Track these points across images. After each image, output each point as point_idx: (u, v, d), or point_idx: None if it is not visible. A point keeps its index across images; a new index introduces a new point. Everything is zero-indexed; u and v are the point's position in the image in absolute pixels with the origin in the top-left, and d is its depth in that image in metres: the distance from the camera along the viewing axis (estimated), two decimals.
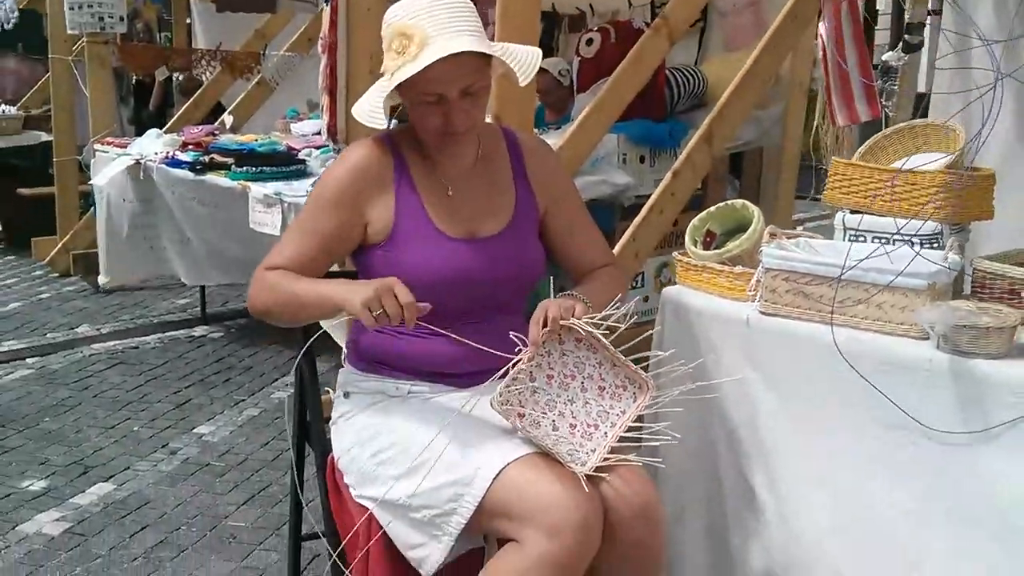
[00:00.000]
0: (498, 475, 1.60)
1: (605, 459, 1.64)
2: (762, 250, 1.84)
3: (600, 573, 1.67)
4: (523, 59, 1.74)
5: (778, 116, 4.24)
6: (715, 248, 2.08)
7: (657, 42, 3.45)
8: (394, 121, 1.87)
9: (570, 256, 1.94)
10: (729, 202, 2.09)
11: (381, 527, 1.75)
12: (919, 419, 1.61)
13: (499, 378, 1.67)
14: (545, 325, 1.65)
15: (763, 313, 1.85)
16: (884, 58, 3.11)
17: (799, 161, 4.25)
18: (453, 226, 1.79)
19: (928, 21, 3.83)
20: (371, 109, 1.74)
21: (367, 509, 1.76)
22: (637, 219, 2.97)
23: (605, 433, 1.67)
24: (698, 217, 2.11)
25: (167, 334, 4.69)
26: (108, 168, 4.53)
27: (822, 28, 2.96)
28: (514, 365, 1.65)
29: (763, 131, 4.33)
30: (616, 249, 2.91)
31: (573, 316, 1.67)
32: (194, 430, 3.53)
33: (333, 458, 1.94)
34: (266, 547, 2.67)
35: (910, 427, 1.63)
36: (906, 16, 3.49)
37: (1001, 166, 2.07)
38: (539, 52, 1.79)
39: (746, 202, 2.06)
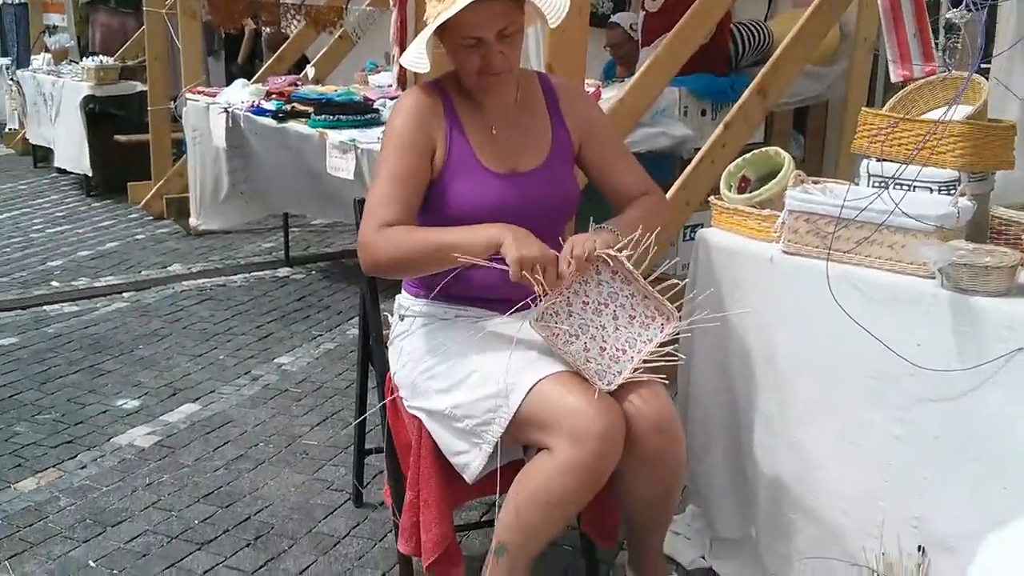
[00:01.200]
0: (531, 389, 1.79)
1: (628, 379, 1.81)
2: (787, 193, 1.97)
3: (623, 480, 1.85)
4: (554, 3, 1.88)
5: (843, 72, 4.29)
6: (749, 192, 2.21)
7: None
8: None
9: (609, 185, 2.09)
10: (764, 149, 2.22)
11: (430, 435, 1.96)
12: (919, 353, 1.73)
13: (532, 305, 1.84)
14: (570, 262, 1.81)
15: (785, 252, 1.98)
16: (947, 16, 3.15)
17: None
18: (496, 162, 1.97)
19: None
20: (416, 55, 1.91)
21: (418, 420, 1.98)
22: (688, 168, 3.10)
23: (632, 358, 1.84)
24: (734, 163, 2.24)
25: (252, 274, 4.98)
26: (198, 115, 4.82)
27: None
28: (538, 298, 1.81)
29: (827, 86, 4.39)
30: (668, 195, 3.04)
31: (596, 248, 1.82)
32: (275, 360, 3.80)
33: (390, 376, 2.15)
34: (335, 463, 2.92)
35: (903, 362, 1.75)
36: None
37: None
38: None
39: (779, 149, 2.18)
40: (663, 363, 1.84)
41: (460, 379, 1.88)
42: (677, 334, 1.87)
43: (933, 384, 1.73)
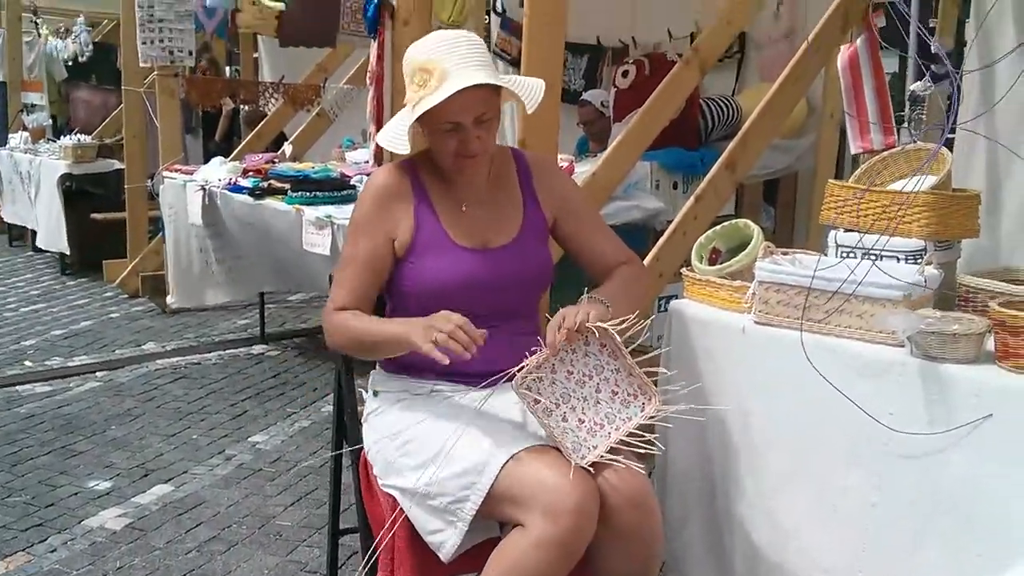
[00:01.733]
0: (505, 464, 1.77)
1: (602, 456, 1.80)
2: (757, 264, 1.99)
3: (599, 556, 1.83)
4: (530, 90, 1.93)
5: (811, 145, 4.39)
6: (720, 264, 2.24)
7: (688, 73, 3.63)
8: None
9: (587, 256, 2.11)
10: (733, 221, 2.25)
11: (404, 514, 1.92)
12: (892, 420, 1.74)
13: (508, 380, 1.84)
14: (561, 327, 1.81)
15: (757, 323, 2.00)
16: (911, 88, 3.24)
17: None
18: (467, 238, 1.98)
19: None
20: (394, 136, 1.94)
21: (392, 498, 1.95)
22: (661, 240, 3.13)
23: (608, 434, 1.83)
24: (705, 235, 2.27)
25: (227, 351, 4.95)
26: (175, 193, 4.83)
27: (840, 58, 3.10)
28: (521, 368, 1.81)
29: (796, 159, 4.48)
30: None
31: (588, 320, 1.82)
32: (249, 439, 3.75)
33: (364, 454, 2.13)
34: (309, 543, 2.86)
35: (881, 428, 1.76)
36: (932, 47, 3.61)
37: (996, 188, 2.20)
38: (543, 83, 1.97)
39: (748, 221, 2.21)
40: (642, 449, 1.82)
41: (433, 455, 1.86)
42: (655, 416, 1.86)
43: (907, 451, 1.74)
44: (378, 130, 2.92)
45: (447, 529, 1.86)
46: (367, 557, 2.10)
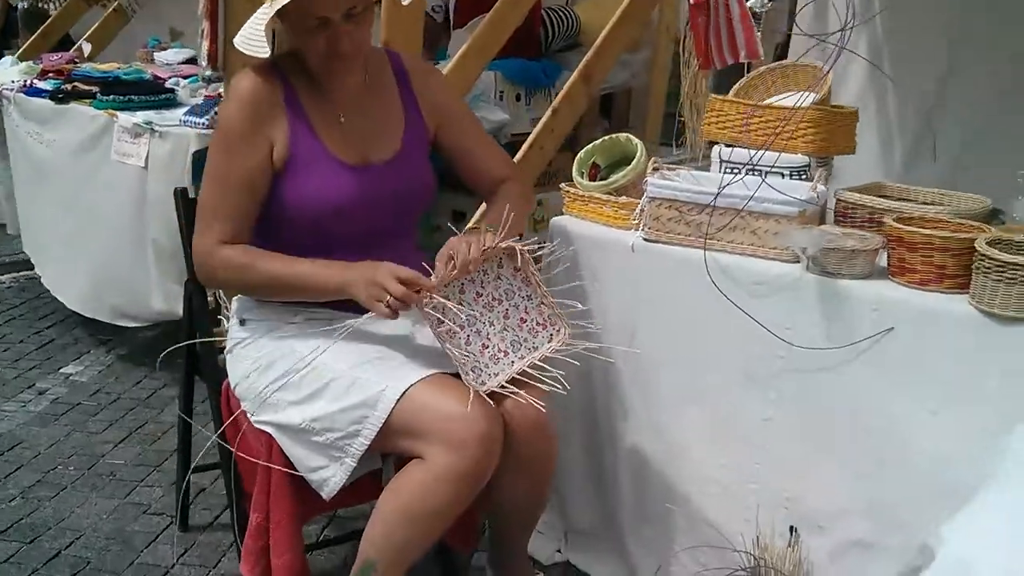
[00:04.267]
0: (403, 394, 1.65)
1: (503, 386, 1.71)
2: (647, 180, 1.93)
3: (496, 483, 1.75)
4: None
5: (646, 60, 4.37)
6: (600, 180, 2.17)
7: None
8: None
9: (470, 171, 1.98)
10: (614, 135, 2.18)
11: (281, 451, 1.77)
12: (790, 336, 1.75)
13: None
14: (454, 265, 1.68)
15: (647, 240, 1.95)
16: (748, 4, 3.25)
17: (665, 105, 4.38)
18: (346, 152, 1.80)
19: None
20: (252, 36, 1.72)
21: (266, 435, 1.79)
22: (519, 155, 3.03)
23: (512, 362, 1.74)
24: (584, 150, 2.18)
25: (22, 273, 4.47)
26: None
27: None
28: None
29: (632, 74, 4.45)
30: None
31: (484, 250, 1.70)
32: (60, 370, 3.42)
33: (228, 387, 1.95)
34: (148, 483, 2.64)
35: (777, 343, 1.77)
36: None
37: (855, 105, 2.23)
38: None
39: (630, 136, 2.15)
40: (546, 386, 1.73)
41: (318, 389, 1.72)
42: (561, 350, 1.78)
43: (803, 366, 1.75)
44: (212, 26, 2.62)
45: (332, 465, 1.73)
46: (234, 497, 1.95)
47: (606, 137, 2.18)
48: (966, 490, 1.55)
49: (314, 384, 1.72)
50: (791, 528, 1.80)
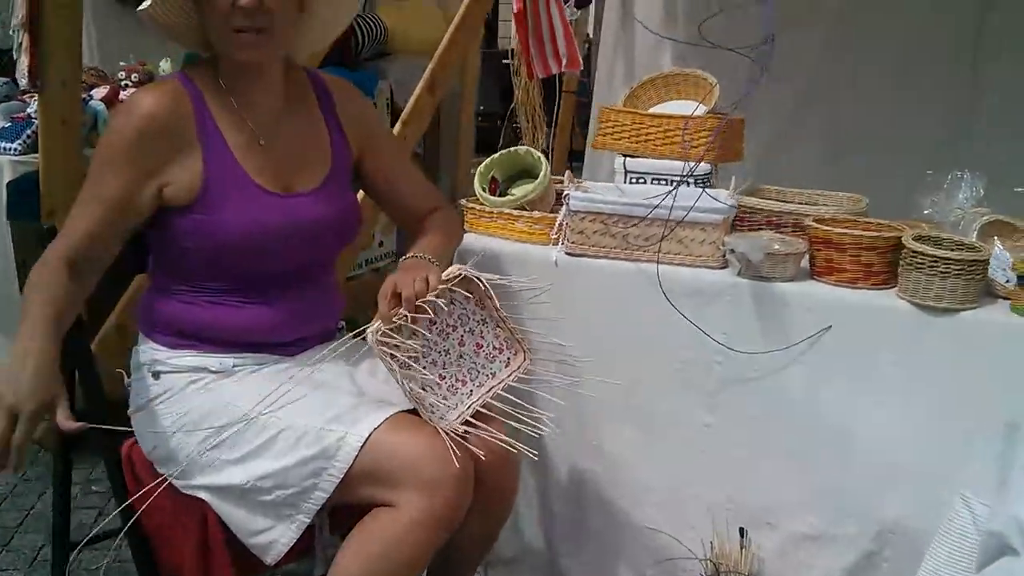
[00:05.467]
0: (366, 440, 1.53)
1: (467, 421, 1.62)
2: (568, 193, 1.91)
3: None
4: None
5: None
6: (500, 195, 2.12)
7: None
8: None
9: (396, 203, 1.86)
10: (512, 149, 2.13)
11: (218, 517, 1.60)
12: (726, 341, 1.79)
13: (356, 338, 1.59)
14: (398, 300, 1.57)
15: (570, 254, 1.93)
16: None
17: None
18: (269, 179, 1.65)
19: None
20: None
21: (194, 500, 1.60)
22: None
23: (470, 391, 1.66)
24: (483, 164, 2.13)
25: None
26: None
27: None
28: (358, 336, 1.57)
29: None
30: None
31: (429, 286, 1.60)
32: None
33: (128, 449, 1.73)
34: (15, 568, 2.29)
35: (713, 350, 1.81)
36: None
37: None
38: None
39: (530, 148, 2.11)
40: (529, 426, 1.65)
41: (262, 443, 1.55)
42: (519, 372, 1.71)
43: (740, 370, 1.80)
44: (33, 39, 2.29)
45: (279, 526, 1.58)
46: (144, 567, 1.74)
47: (504, 151, 2.13)
48: (914, 473, 1.66)
49: (257, 439, 1.55)
50: (740, 530, 1.85)
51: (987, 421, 1.61)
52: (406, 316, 1.55)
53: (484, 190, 2.09)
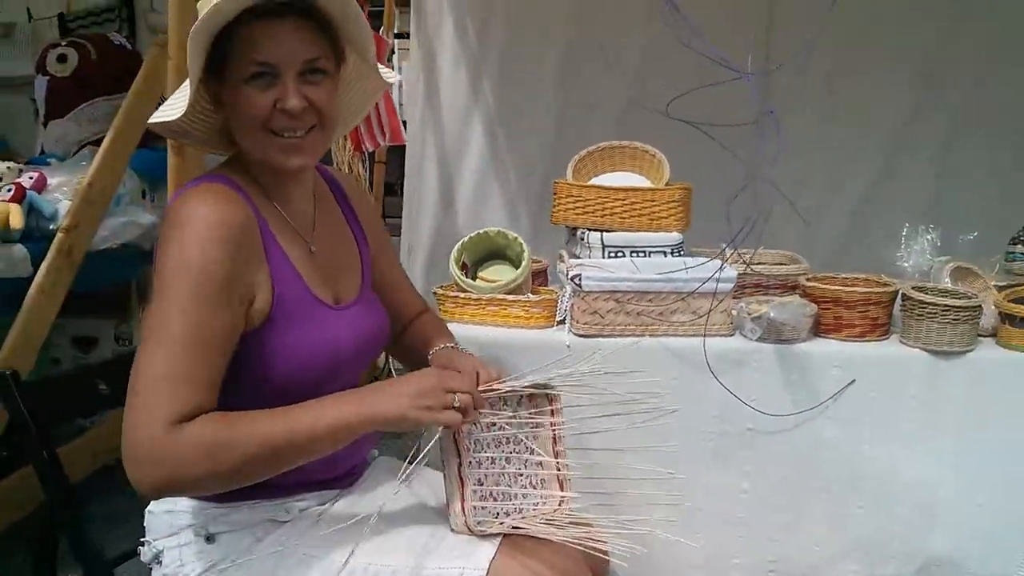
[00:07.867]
0: (488, 569, 1.36)
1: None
2: (574, 274, 1.85)
3: None
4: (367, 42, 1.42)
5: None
6: (472, 278, 2.01)
7: (162, 60, 3.08)
8: None
9: (393, 306, 1.68)
10: (482, 231, 2.02)
11: None
12: (758, 407, 1.82)
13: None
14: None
15: (582, 336, 1.87)
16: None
17: None
18: (325, 292, 1.44)
19: (396, 46, 4.10)
20: (172, 102, 1.36)
21: None
22: None
23: (519, 508, 1.49)
24: (455, 249, 2.00)
25: None
26: None
27: None
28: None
29: None
30: None
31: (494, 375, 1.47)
32: None
33: None
34: None
35: (744, 417, 1.83)
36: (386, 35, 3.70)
37: None
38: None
39: (501, 229, 2.02)
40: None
41: None
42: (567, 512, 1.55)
43: (771, 432, 1.84)
44: None
45: None
46: None
47: (474, 233, 2.02)
48: (949, 508, 1.79)
49: None
50: None
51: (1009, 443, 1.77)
52: (498, 391, 1.42)
53: (462, 276, 1.97)
